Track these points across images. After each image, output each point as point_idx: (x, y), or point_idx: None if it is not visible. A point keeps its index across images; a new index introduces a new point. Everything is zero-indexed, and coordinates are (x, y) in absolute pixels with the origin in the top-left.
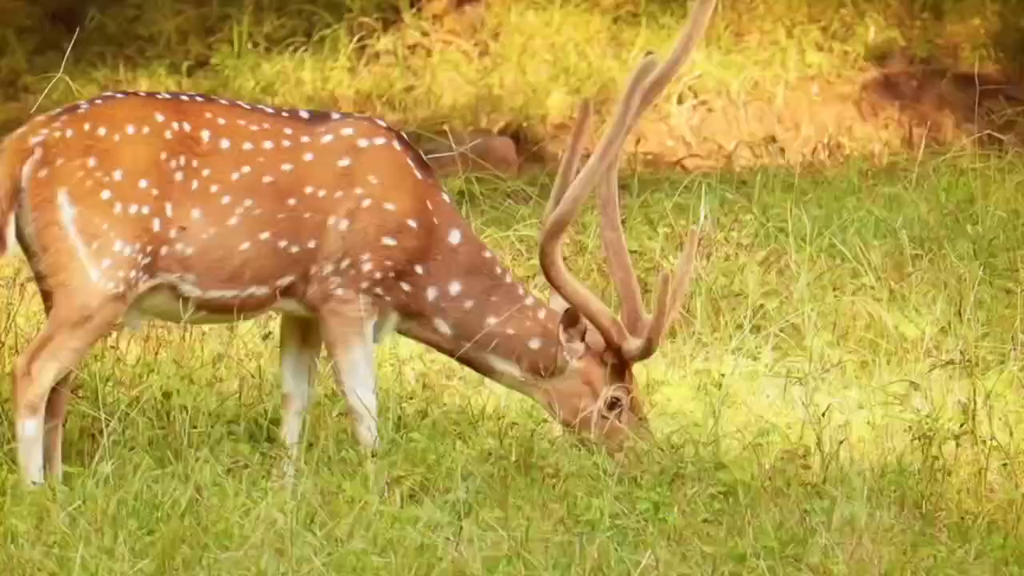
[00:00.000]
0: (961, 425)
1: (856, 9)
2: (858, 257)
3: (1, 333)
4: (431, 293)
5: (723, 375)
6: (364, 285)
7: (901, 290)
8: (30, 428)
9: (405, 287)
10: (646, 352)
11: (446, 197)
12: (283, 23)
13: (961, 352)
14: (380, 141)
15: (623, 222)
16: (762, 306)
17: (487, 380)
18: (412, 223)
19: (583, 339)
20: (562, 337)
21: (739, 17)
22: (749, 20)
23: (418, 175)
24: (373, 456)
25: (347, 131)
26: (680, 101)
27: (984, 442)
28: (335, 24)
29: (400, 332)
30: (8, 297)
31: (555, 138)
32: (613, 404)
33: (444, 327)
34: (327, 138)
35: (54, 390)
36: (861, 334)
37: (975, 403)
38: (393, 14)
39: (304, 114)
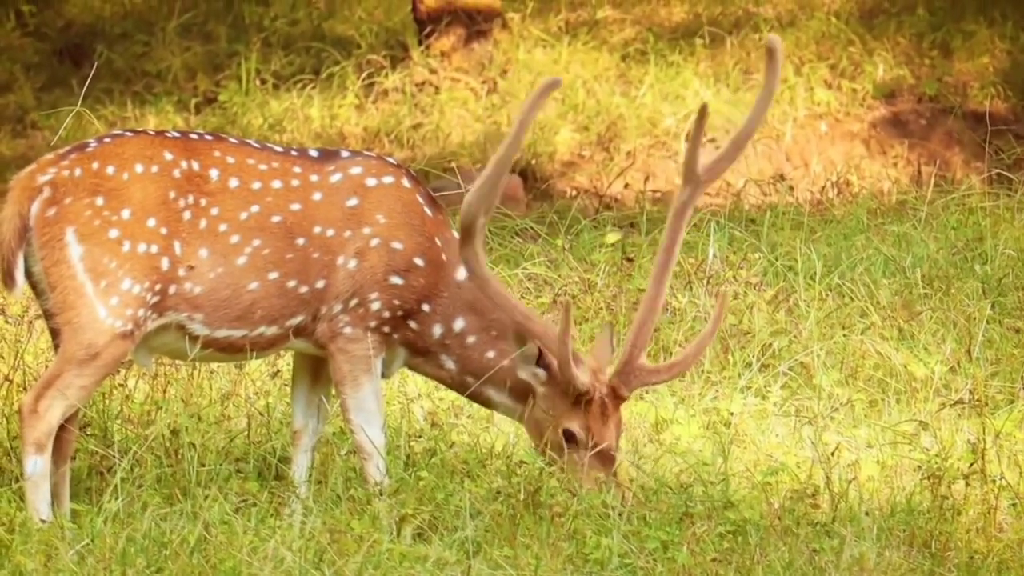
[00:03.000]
0: (971, 464)
1: (865, 47)
2: (867, 296)
3: (9, 370)
4: (436, 330)
5: (732, 413)
6: (372, 324)
7: (910, 329)
8: (38, 465)
9: (412, 325)
10: (590, 387)
11: (455, 233)
12: (291, 60)
13: (970, 391)
14: (388, 180)
15: (631, 260)
16: (771, 345)
17: (496, 417)
18: (419, 261)
19: (540, 364)
20: (516, 360)
21: (747, 55)
22: (758, 58)
23: (427, 212)
24: (382, 494)
25: (356, 170)
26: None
27: (993, 481)
28: (343, 61)
29: (409, 368)
30: (16, 334)
31: (563, 175)
32: (568, 438)
33: (449, 363)
34: (336, 177)
35: (62, 429)
36: (870, 373)
37: (984, 442)
38: (401, 51)
39: (313, 153)
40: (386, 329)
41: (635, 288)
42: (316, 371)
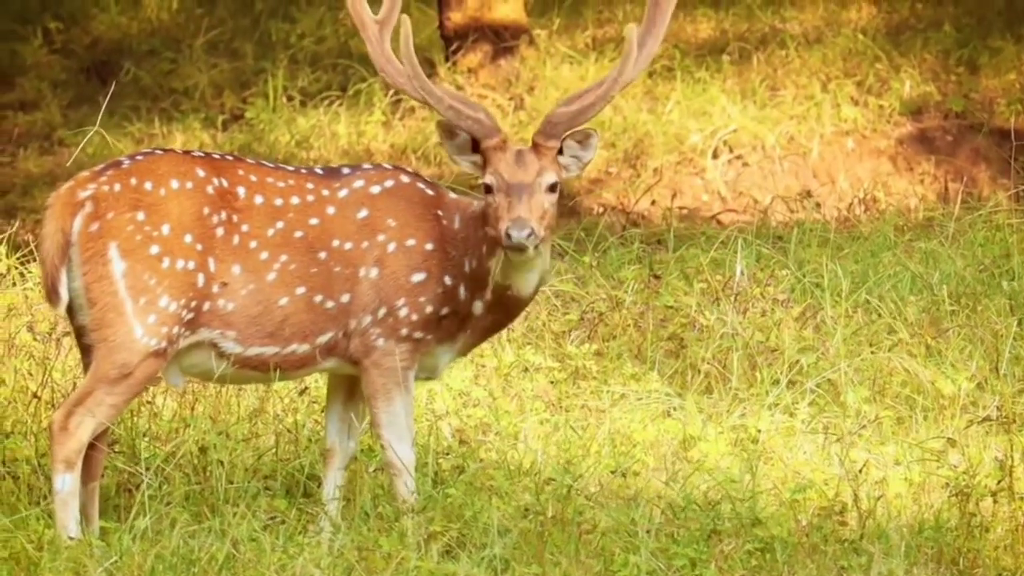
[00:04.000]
0: (998, 481)
1: (891, 63)
2: (894, 313)
3: (38, 388)
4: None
5: (760, 431)
6: (404, 331)
7: (938, 346)
8: (67, 483)
9: (446, 311)
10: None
11: (452, 195)
12: (318, 77)
13: (998, 408)
14: (389, 183)
15: (658, 277)
16: (798, 362)
17: (523, 435)
18: (430, 246)
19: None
20: (450, 150)
21: (774, 71)
22: (784, 74)
23: (428, 192)
24: (410, 512)
25: (358, 183)
26: (716, 156)
27: (1021, 498)
28: (370, 78)
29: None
30: (45, 351)
31: (590, 192)
32: (487, 190)
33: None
34: (343, 193)
35: (91, 447)
36: (897, 390)
37: (1012, 459)
38: (428, 68)
39: (319, 170)
40: (418, 335)
41: (663, 305)
42: (350, 390)
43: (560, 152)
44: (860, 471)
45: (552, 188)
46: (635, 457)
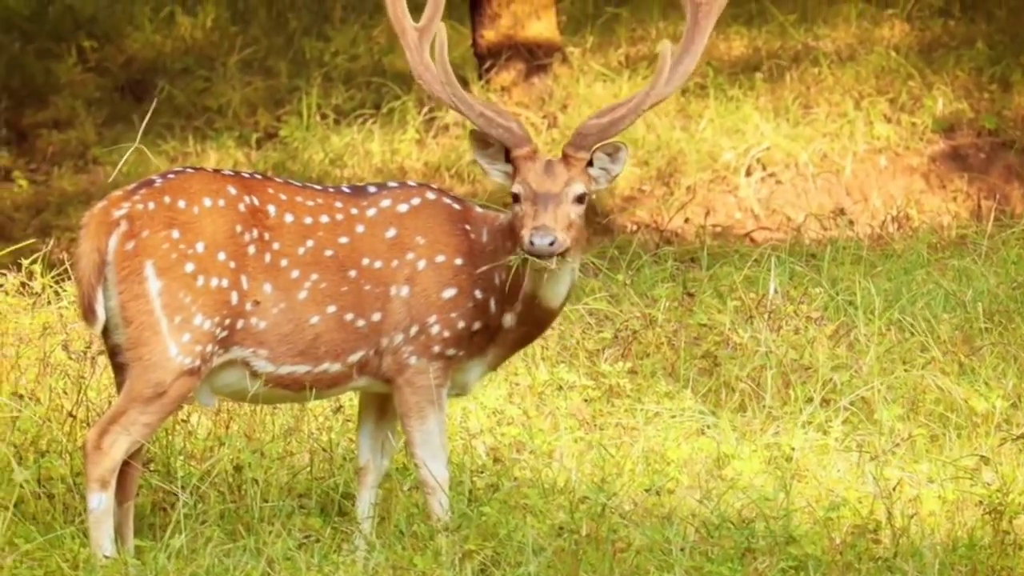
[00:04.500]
0: None
1: (924, 81)
2: (927, 330)
3: (72, 406)
4: (508, 319)
5: (793, 449)
6: (436, 349)
7: (971, 363)
8: (101, 501)
9: (478, 325)
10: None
11: (479, 209)
12: (352, 95)
13: None
14: (416, 201)
15: (692, 295)
16: (832, 380)
17: (557, 454)
18: (459, 261)
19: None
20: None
21: (807, 89)
22: (817, 92)
23: (454, 207)
24: (445, 530)
25: (386, 202)
26: (749, 173)
27: None
28: (404, 96)
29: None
30: (79, 370)
31: (624, 210)
32: (514, 199)
33: (508, 319)
34: (371, 212)
35: (126, 466)
36: (931, 408)
37: None
38: (461, 85)
39: (346, 189)
40: (450, 351)
41: (696, 323)
42: (382, 408)
43: (590, 164)
44: (894, 489)
45: (580, 199)
46: (669, 475)
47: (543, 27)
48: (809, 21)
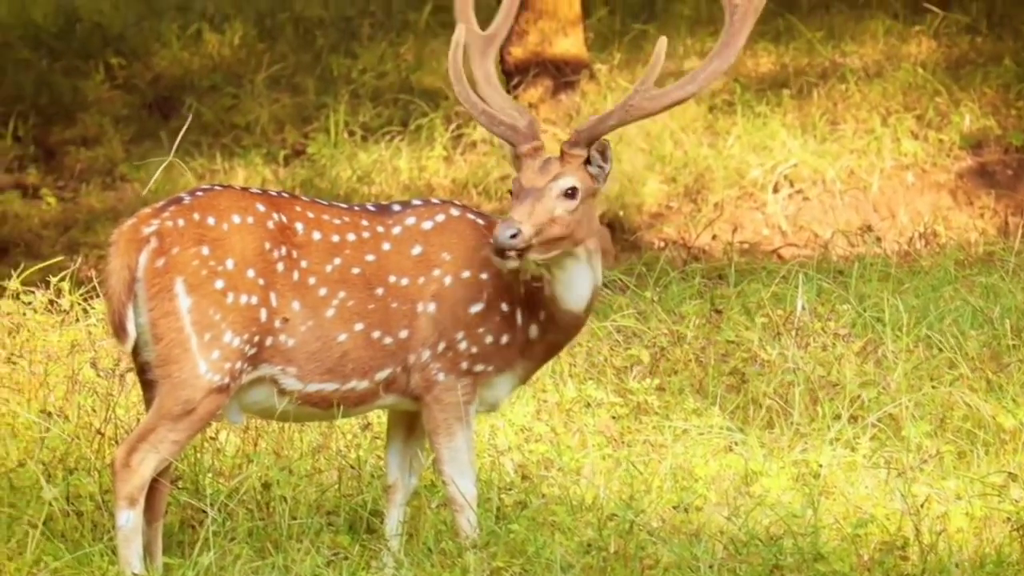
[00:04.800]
0: None
1: (951, 97)
2: (955, 347)
3: (101, 424)
4: (533, 330)
5: (821, 465)
6: (464, 365)
7: (999, 380)
8: (130, 519)
9: (505, 340)
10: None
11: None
12: (379, 112)
13: None
14: (441, 217)
15: (720, 312)
16: (859, 396)
17: (585, 471)
18: (485, 275)
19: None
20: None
21: (834, 106)
22: (844, 109)
23: (478, 222)
24: (473, 547)
25: (411, 220)
26: (776, 190)
27: None
28: (431, 113)
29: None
30: (108, 387)
31: (651, 227)
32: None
33: (534, 330)
34: (396, 230)
35: (155, 483)
36: (959, 424)
37: None
38: None
39: (371, 207)
40: (478, 367)
41: (724, 340)
42: (410, 425)
43: (589, 162)
44: (921, 506)
45: (568, 194)
46: (697, 492)
47: (570, 44)
48: (836, 38)
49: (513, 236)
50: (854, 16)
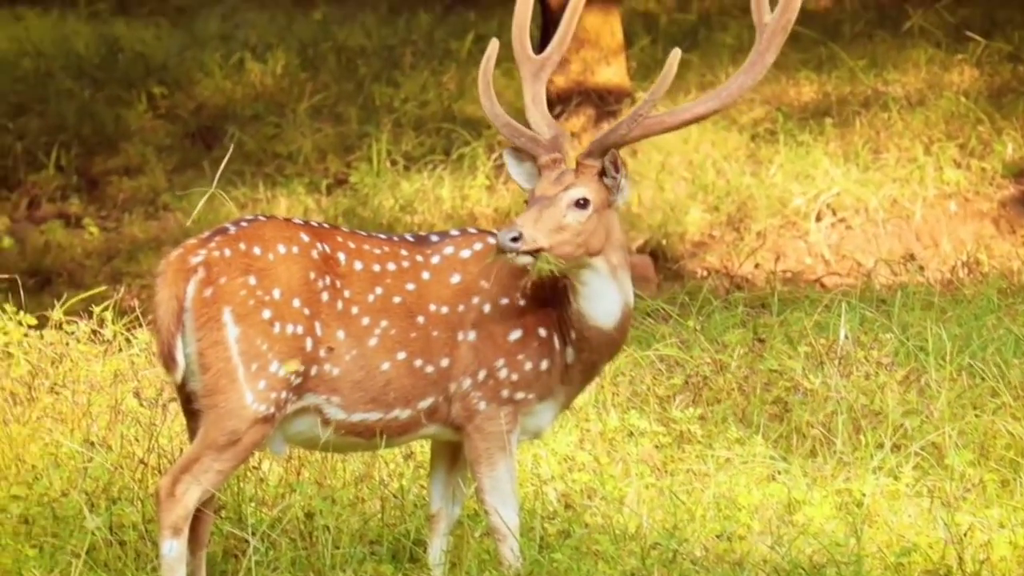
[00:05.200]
0: None
1: (993, 126)
2: (998, 376)
3: (144, 453)
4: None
5: (864, 494)
6: (505, 393)
7: None
8: (174, 548)
9: (545, 366)
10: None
11: None
12: (422, 141)
13: None
14: (478, 246)
15: (763, 340)
16: (902, 425)
17: (628, 500)
18: (523, 302)
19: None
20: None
21: (877, 134)
22: (887, 137)
23: None
24: None
25: (448, 250)
26: (819, 219)
27: None
28: (473, 142)
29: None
30: (151, 417)
31: (694, 256)
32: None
33: (570, 353)
34: (435, 259)
35: (198, 513)
36: (1002, 453)
37: None
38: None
39: (409, 237)
40: (519, 395)
41: (767, 369)
42: (453, 455)
43: (604, 174)
44: (965, 534)
45: (580, 204)
46: (740, 521)
47: (613, 73)
48: (879, 66)
49: (515, 239)
50: (896, 44)
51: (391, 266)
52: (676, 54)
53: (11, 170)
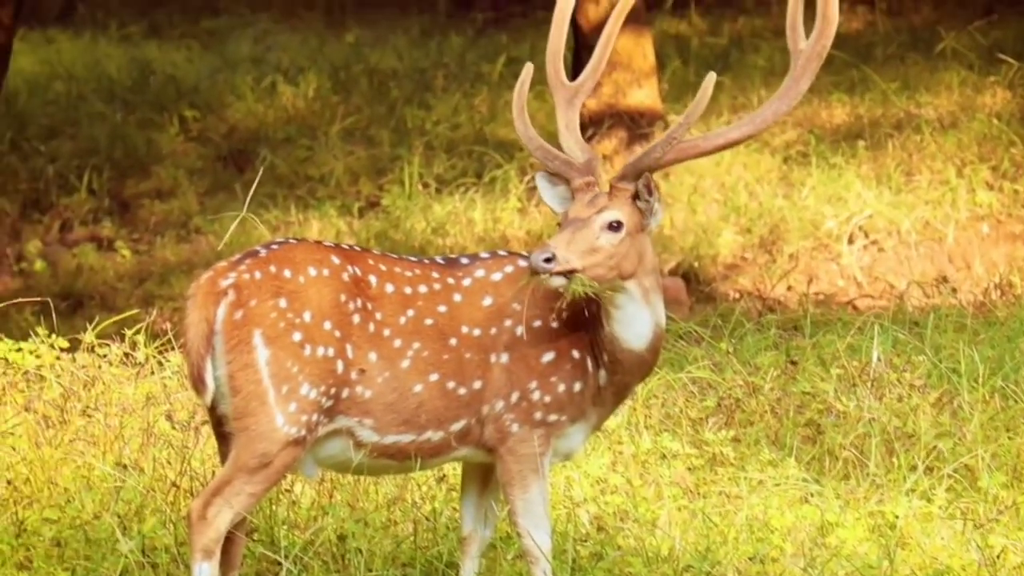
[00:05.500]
0: None
1: None
2: None
3: (176, 476)
4: (602, 375)
5: (897, 517)
6: (538, 416)
7: None
8: (205, 571)
9: (578, 388)
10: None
11: None
12: (454, 164)
13: None
14: (509, 269)
15: (795, 363)
16: (935, 447)
17: (661, 522)
18: (555, 324)
19: None
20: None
21: (909, 157)
22: (919, 160)
23: None
24: None
25: (480, 272)
26: (851, 241)
27: None
28: (506, 164)
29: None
30: (183, 440)
31: (726, 278)
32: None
33: (603, 375)
34: (467, 281)
35: (230, 536)
36: None
37: None
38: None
39: (439, 260)
40: (552, 417)
41: (799, 391)
42: (485, 477)
43: (637, 197)
44: (998, 557)
45: (613, 226)
46: (773, 543)
47: (645, 95)
48: (911, 89)
49: (547, 260)
50: (929, 67)
51: (422, 288)
52: (711, 78)
53: (43, 193)
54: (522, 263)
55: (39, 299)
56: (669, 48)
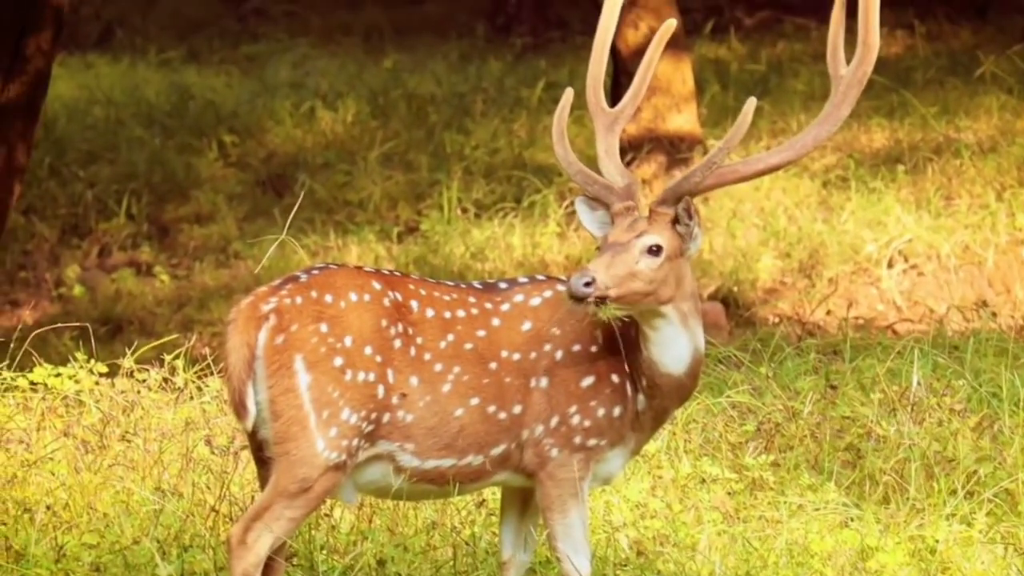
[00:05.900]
0: None
1: None
2: None
3: (216, 501)
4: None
5: (937, 541)
6: (577, 440)
7: None
8: None
9: (617, 412)
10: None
11: None
12: (492, 188)
13: None
14: (548, 293)
15: (835, 387)
16: (976, 472)
17: (700, 547)
18: (594, 348)
19: None
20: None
21: (949, 181)
22: (959, 183)
23: None
24: None
25: (519, 297)
26: (891, 265)
27: None
28: (544, 189)
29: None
30: (223, 465)
31: (766, 303)
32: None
33: (641, 400)
34: (505, 306)
35: (269, 561)
36: None
37: None
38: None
39: (477, 285)
40: (591, 442)
41: (839, 415)
42: (525, 502)
43: (677, 222)
44: None
45: (653, 251)
46: (813, 568)
47: (684, 120)
48: (950, 113)
49: (587, 284)
50: (968, 91)
51: (461, 313)
52: (752, 103)
53: (82, 218)
54: (560, 288)
55: (78, 324)
56: (708, 73)
